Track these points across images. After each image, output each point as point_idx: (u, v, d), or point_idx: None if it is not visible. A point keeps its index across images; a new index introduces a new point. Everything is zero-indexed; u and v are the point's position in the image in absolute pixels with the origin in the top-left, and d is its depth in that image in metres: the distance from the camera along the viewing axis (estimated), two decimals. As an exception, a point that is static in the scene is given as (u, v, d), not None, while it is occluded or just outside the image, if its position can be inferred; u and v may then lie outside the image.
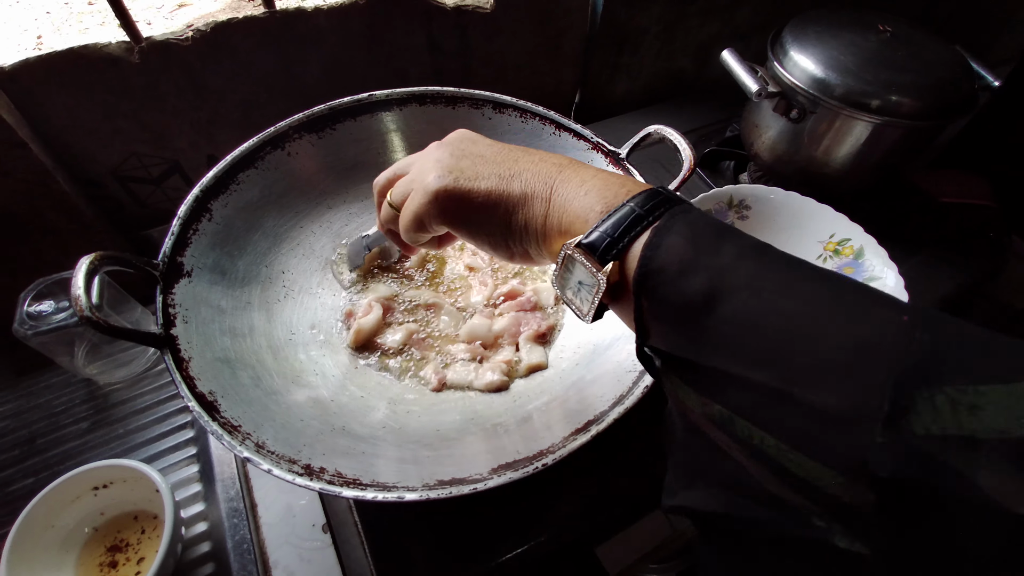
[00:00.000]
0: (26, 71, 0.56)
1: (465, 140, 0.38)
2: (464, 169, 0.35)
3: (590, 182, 0.32)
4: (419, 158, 0.39)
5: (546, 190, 0.33)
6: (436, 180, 0.35)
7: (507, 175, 0.34)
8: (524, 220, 0.34)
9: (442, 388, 0.53)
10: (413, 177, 0.37)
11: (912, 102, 0.62)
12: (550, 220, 0.33)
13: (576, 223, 0.31)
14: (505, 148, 0.37)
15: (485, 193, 0.34)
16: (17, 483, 0.58)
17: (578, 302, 0.32)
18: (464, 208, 0.35)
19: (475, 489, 0.37)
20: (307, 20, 0.63)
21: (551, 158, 0.35)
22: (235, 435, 0.39)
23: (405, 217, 0.37)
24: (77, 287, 0.37)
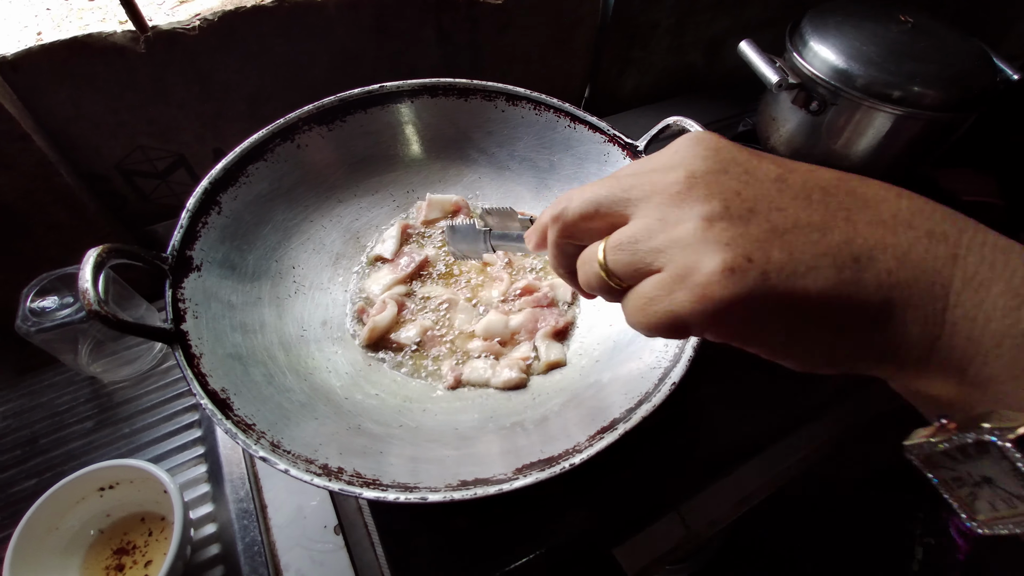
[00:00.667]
0: (29, 61, 0.55)
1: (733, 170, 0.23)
2: (769, 249, 0.20)
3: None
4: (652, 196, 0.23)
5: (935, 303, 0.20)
6: (725, 278, 0.20)
7: (847, 258, 0.20)
8: (882, 344, 0.20)
9: (458, 385, 0.52)
10: (659, 247, 0.22)
11: (935, 93, 0.60)
12: (940, 357, 0.20)
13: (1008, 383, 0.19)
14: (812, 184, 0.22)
15: (818, 302, 0.20)
16: (19, 484, 0.56)
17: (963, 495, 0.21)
18: (774, 327, 0.21)
19: (501, 490, 0.35)
20: (317, 10, 0.61)
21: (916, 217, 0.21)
22: (250, 434, 0.37)
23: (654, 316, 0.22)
24: (85, 280, 0.36)
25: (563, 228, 0.26)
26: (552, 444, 0.41)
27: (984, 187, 0.83)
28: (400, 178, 0.63)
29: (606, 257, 0.24)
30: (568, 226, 0.26)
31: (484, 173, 0.65)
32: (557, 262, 0.29)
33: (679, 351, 0.45)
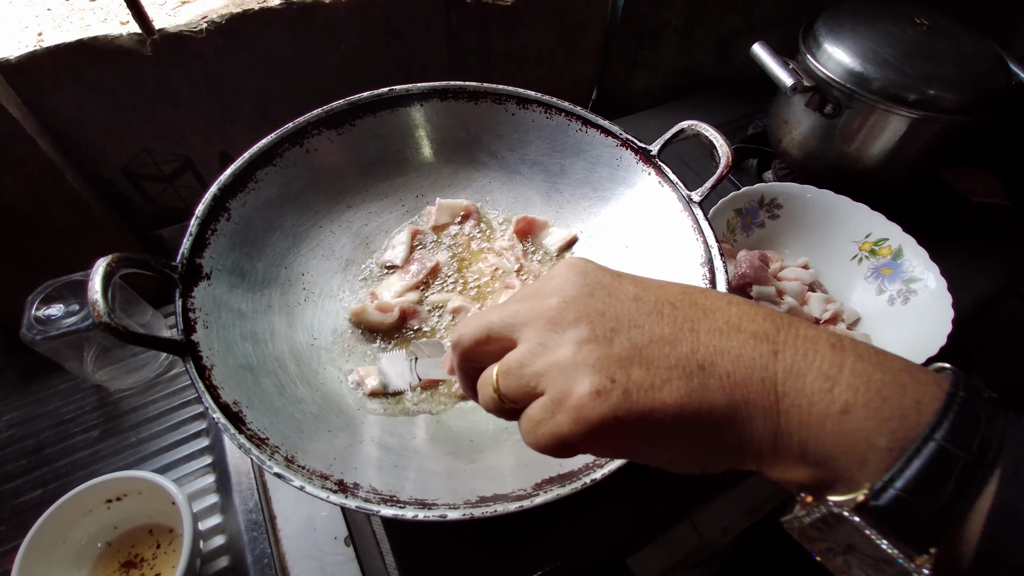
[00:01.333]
0: (33, 63, 0.54)
1: (599, 292, 0.26)
2: (629, 369, 0.23)
3: (842, 381, 0.21)
4: (533, 321, 0.26)
5: (767, 394, 0.22)
6: (594, 400, 0.23)
7: (694, 367, 0.23)
8: (737, 442, 0.23)
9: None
10: (540, 371, 0.24)
11: (952, 96, 0.60)
12: (784, 443, 0.22)
13: (839, 459, 0.21)
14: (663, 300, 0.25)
15: (675, 411, 0.22)
16: (25, 495, 0.55)
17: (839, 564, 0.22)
18: (641, 438, 0.23)
19: (521, 507, 0.35)
20: (325, 11, 0.60)
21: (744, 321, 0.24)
22: (264, 448, 0.36)
23: (542, 437, 0.24)
24: (94, 291, 0.35)
25: (462, 354, 0.29)
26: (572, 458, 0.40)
27: (992, 188, 0.83)
28: (410, 182, 0.63)
29: (499, 382, 0.26)
30: (466, 351, 0.29)
31: (494, 177, 0.64)
32: (464, 385, 0.31)
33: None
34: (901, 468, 0.19)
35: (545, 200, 0.63)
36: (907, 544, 0.19)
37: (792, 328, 0.23)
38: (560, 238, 0.61)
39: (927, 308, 0.56)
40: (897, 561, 0.20)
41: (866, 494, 0.20)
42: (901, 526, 0.19)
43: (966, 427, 0.19)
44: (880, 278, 0.61)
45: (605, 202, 0.60)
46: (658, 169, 0.56)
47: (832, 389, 0.21)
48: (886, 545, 0.20)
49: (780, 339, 0.23)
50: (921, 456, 0.19)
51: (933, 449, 0.19)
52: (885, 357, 0.22)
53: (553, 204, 0.63)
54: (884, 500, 0.19)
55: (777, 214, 0.66)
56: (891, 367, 0.21)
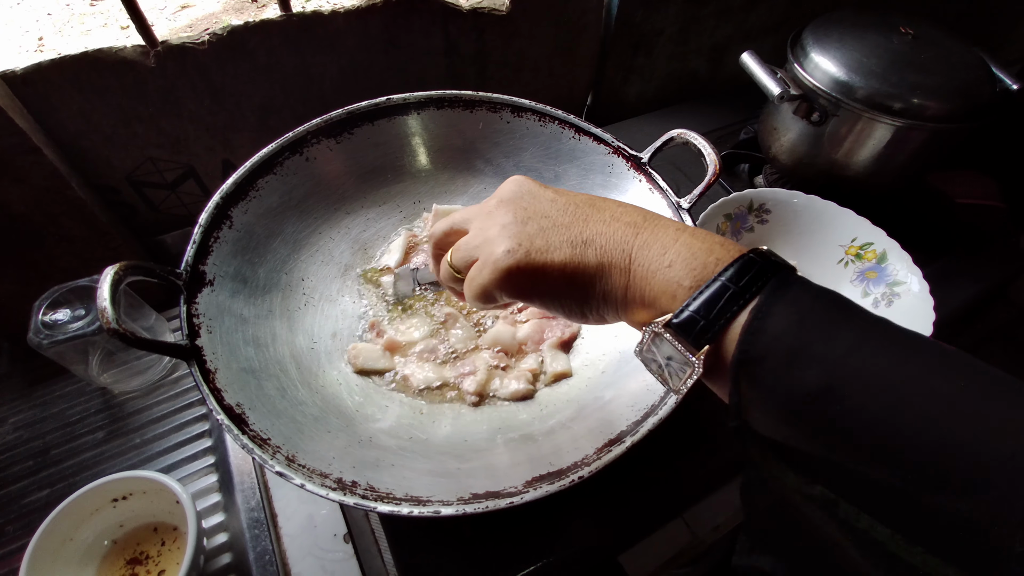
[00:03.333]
0: (39, 75, 0.55)
1: (526, 196, 0.35)
2: (533, 238, 0.32)
3: (673, 249, 0.30)
4: (479, 216, 0.36)
5: (624, 259, 0.31)
6: (505, 256, 0.32)
7: (579, 241, 0.32)
8: (602, 291, 0.32)
9: (480, 400, 0.52)
10: (477, 244, 0.34)
11: (937, 105, 0.61)
12: (631, 292, 0.31)
13: (661, 298, 0.29)
14: (571, 203, 0.34)
15: (560, 267, 0.31)
16: (31, 495, 0.57)
17: (666, 375, 0.30)
18: (537, 283, 0.32)
19: (512, 503, 0.36)
20: (325, 23, 0.62)
21: (624, 215, 0.33)
22: (266, 448, 0.38)
23: (472, 288, 0.34)
24: (103, 299, 0.37)
25: (434, 244, 0.40)
26: (561, 456, 0.41)
27: (986, 190, 0.84)
28: (407, 189, 0.64)
29: (451, 257, 0.37)
30: (437, 242, 0.40)
31: (490, 183, 0.66)
32: (435, 270, 0.41)
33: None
34: (695, 297, 0.28)
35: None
36: (692, 345, 0.28)
37: (654, 220, 0.32)
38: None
39: (910, 310, 0.58)
40: (689, 358, 0.28)
41: (671, 316, 0.28)
42: (689, 334, 0.27)
43: (742, 272, 0.27)
44: (865, 281, 0.63)
45: (597, 208, 0.62)
46: (648, 176, 0.57)
47: (665, 254, 0.30)
48: (680, 347, 0.28)
49: (643, 225, 0.32)
50: (708, 290, 0.27)
51: (717, 285, 0.27)
52: (710, 236, 0.30)
53: (547, 210, 0.65)
54: (681, 318, 0.28)
55: (766, 219, 0.67)
56: (710, 241, 0.30)
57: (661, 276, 0.29)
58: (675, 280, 0.29)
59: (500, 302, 0.35)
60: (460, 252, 0.36)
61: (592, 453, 0.40)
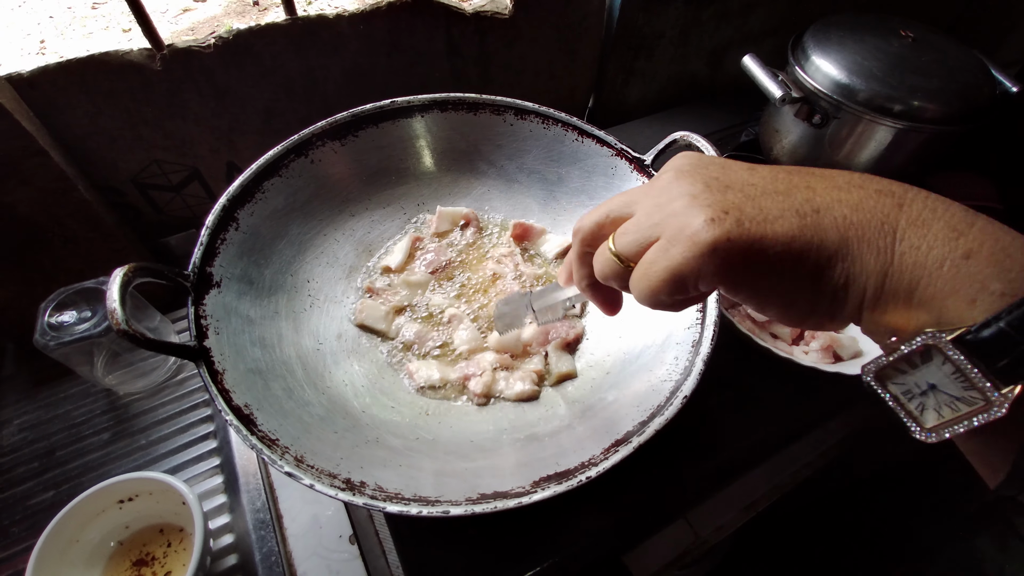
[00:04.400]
0: (46, 78, 0.55)
1: (712, 166, 0.28)
2: (742, 206, 0.25)
3: (970, 235, 0.22)
4: (648, 194, 0.28)
5: (885, 236, 0.23)
6: (708, 226, 0.24)
7: (809, 210, 0.24)
8: (846, 278, 0.24)
9: (486, 400, 0.53)
10: (657, 221, 0.26)
11: (936, 107, 0.62)
12: (893, 282, 0.23)
13: (948, 299, 0.22)
14: (780, 171, 0.27)
15: (786, 239, 0.24)
16: (37, 496, 0.57)
17: (912, 408, 0.23)
18: (753, 263, 0.24)
19: (520, 503, 0.36)
20: (329, 27, 0.62)
21: (867, 182, 0.25)
22: (274, 449, 0.38)
23: (653, 276, 0.26)
24: (113, 300, 0.37)
25: (583, 240, 0.31)
26: (567, 457, 0.42)
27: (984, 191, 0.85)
28: (411, 191, 0.64)
29: (615, 243, 0.28)
30: (586, 236, 0.31)
31: (493, 186, 0.66)
32: (580, 274, 0.33)
33: (689, 364, 0.46)
34: (1011, 309, 0.20)
35: (542, 208, 0.65)
36: (996, 376, 0.20)
37: (920, 192, 0.24)
38: (557, 245, 0.63)
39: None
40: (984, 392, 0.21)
41: (969, 327, 0.21)
42: (995, 358, 0.20)
43: None
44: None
45: (601, 210, 0.62)
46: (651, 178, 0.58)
47: (958, 239, 0.22)
48: (973, 373, 0.21)
49: (907, 197, 0.24)
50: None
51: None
52: (1011, 232, 0.23)
53: (550, 212, 0.65)
54: (987, 333, 0.20)
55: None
56: (1020, 237, 0.23)
57: (951, 269, 0.22)
58: (978, 278, 0.21)
59: (691, 293, 0.26)
60: (630, 234, 0.27)
61: (599, 453, 0.41)
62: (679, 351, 0.48)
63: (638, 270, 0.27)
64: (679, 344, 0.49)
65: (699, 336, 0.47)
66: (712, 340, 0.46)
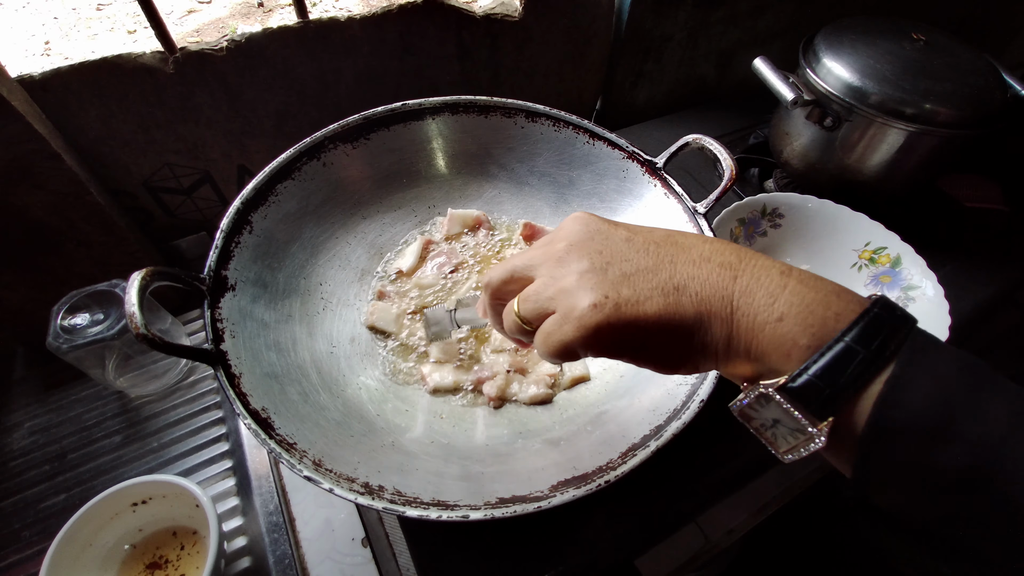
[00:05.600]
0: (58, 80, 0.55)
1: (597, 237, 0.32)
2: (619, 287, 0.29)
3: (782, 299, 0.26)
4: (545, 262, 0.32)
5: (724, 308, 0.28)
6: (592, 311, 0.29)
7: (671, 288, 0.29)
8: (701, 343, 0.28)
9: (500, 404, 0.53)
10: (551, 296, 0.31)
11: (949, 111, 0.61)
12: (734, 345, 0.28)
13: (771, 354, 0.26)
14: (649, 241, 0.31)
15: (655, 320, 0.28)
16: (49, 500, 0.57)
17: (770, 437, 0.28)
18: (629, 339, 0.29)
19: (540, 507, 0.36)
20: (341, 30, 0.62)
21: (714, 254, 0.29)
22: (293, 453, 0.38)
23: (549, 344, 0.31)
24: (131, 304, 0.37)
25: (492, 293, 0.36)
26: (584, 461, 0.42)
27: (990, 194, 0.85)
28: (423, 194, 0.64)
29: (519, 307, 0.33)
30: (495, 291, 0.36)
31: (504, 188, 0.66)
32: (493, 320, 0.38)
33: (705, 368, 0.46)
34: (815, 360, 0.25)
35: (553, 211, 0.65)
36: (812, 415, 0.25)
37: (751, 259, 0.29)
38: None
39: (925, 315, 0.58)
40: (806, 428, 0.25)
41: (786, 379, 0.26)
42: (809, 402, 0.25)
43: (870, 333, 0.24)
44: (879, 285, 0.63)
45: (612, 213, 0.62)
46: (664, 181, 0.58)
47: (773, 304, 0.27)
48: (798, 415, 0.25)
49: (740, 267, 0.28)
50: (831, 352, 0.25)
51: (840, 347, 0.25)
52: (822, 282, 0.27)
53: (561, 214, 0.65)
54: (799, 383, 0.25)
55: (779, 223, 0.68)
56: (824, 289, 0.27)
57: (770, 331, 0.26)
58: (788, 337, 0.26)
59: (580, 357, 0.31)
60: (530, 303, 0.32)
61: (616, 458, 0.41)
62: (694, 355, 0.48)
63: (538, 336, 0.32)
64: (694, 348, 0.49)
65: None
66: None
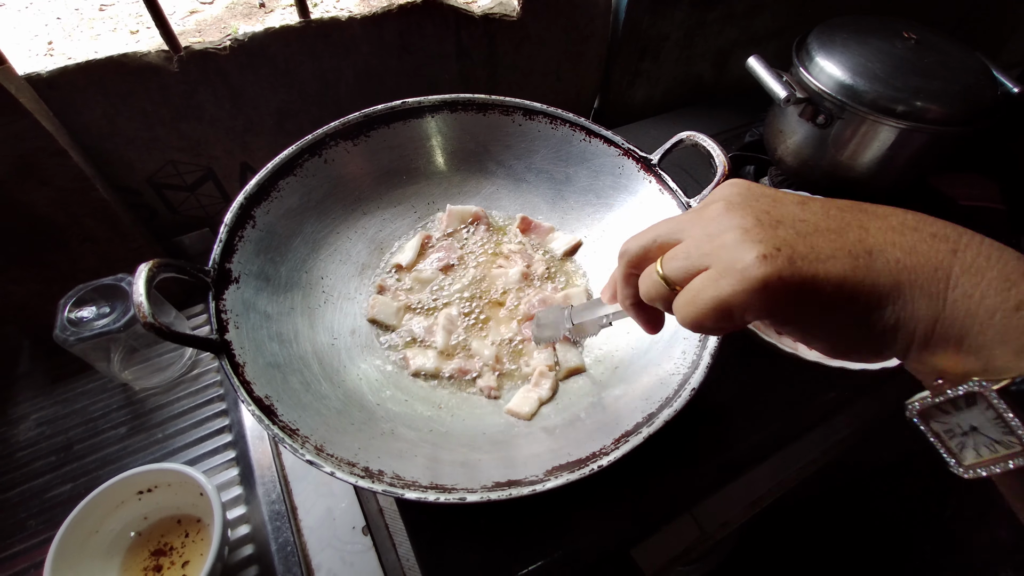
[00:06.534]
0: (65, 78, 0.57)
1: (764, 198, 0.28)
2: (794, 244, 0.25)
3: (1022, 286, 0.22)
4: (696, 222, 0.28)
5: (937, 282, 0.23)
6: (759, 263, 0.24)
7: (861, 251, 0.24)
8: (896, 320, 0.24)
9: (491, 395, 0.54)
10: (707, 251, 0.27)
11: (939, 108, 0.63)
12: (944, 329, 0.24)
13: (998, 348, 0.22)
14: (831, 206, 0.27)
15: (837, 280, 0.24)
16: (54, 489, 0.58)
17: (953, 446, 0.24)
18: (804, 302, 0.25)
19: (534, 491, 0.37)
20: (342, 29, 0.63)
21: (922, 224, 0.25)
22: (295, 438, 0.39)
23: (700, 305, 0.26)
24: (139, 294, 0.38)
25: (629, 261, 0.32)
26: (579, 447, 0.43)
27: (987, 192, 0.86)
28: (422, 190, 0.66)
29: (663, 267, 0.29)
30: (633, 259, 0.32)
31: (502, 185, 0.67)
32: (624, 293, 0.34)
33: (697, 358, 0.47)
34: None
35: (551, 207, 0.66)
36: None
37: (976, 237, 0.25)
38: (565, 242, 0.64)
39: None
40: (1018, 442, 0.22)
41: (1014, 378, 0.22)
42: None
43: None
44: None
45: (608, 209, 0.63)
46: (659, 177, 0.59)
47: (1010, 290, 0.23)
48: (1016, 423, 0.22)
49: (962, 243, 0.24)
50: None
51: None
52: None
53: (558, 210, 0.66)
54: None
55: (773, 219, 0.69)
56: None
57: (1002, 319, 0.22)
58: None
59: (737, 324, 0.26)
60: (679, 260, 0.28)
61: (610, 444, 0.42)
62: (686, 346, 0.49)
63: (685, 295, 0.27)
64: (686, 339, 0.50)
65: (706, 331, 0.48)
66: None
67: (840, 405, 0.66)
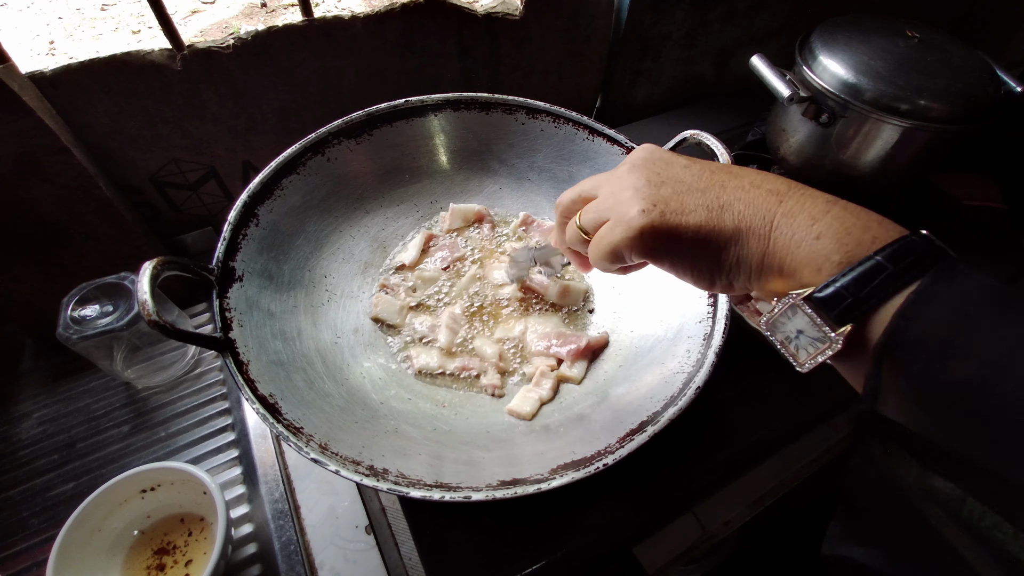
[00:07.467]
0: (68, 77, 0.57)
1: (659, 162, 0.35)
2: (668, 200, 0.32)
3: (823, 221, 0.28)
4: (609, 181, 0.36)
5: (764, 225, 0.30)
6: (640, 216, 0.32)
7: (716, 206, 0.31)
8: (737, 257, 0.31)
9: (494, 392, 0.54)
10: (609, 206, 0.35)
11: (941, 107, 0.63)
12: (769, 259, 0.30)
13: (804, 269, 0.29)
14: (705, 169, 0.34)
15: (694, 229, 0.31)
16: (57, 488, 0.58)
17: (792, 349, 0.30)
18: (670, 245, 0.32)
19: (539, 489, 0.37)
20: (344, 28, 0.63)
21: (765, 182, 0.32)
22: (299, 436, 0.39)
23: (600, 248, 0.35)
24: (143, 292, 0.38)
25: (562, 212, 0.41)
26: (583, 446, 0.43)
27: (988, 192, 0.86)
28: (424, 189, 0.66)
29: (580, 218, 0.38)
30: (564, 210, 0.41)
31: (504, 184, 0.67)
32: (560, 239, 0.43)
33: (701, 356, 0.47)
34: (844, 274, 0.27)
35: (553, 206, 0.66)
36: (833, 321, 0.27)
37: (801, 188, 0.31)
38: (568, 242, 0.64)
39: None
40: (827, 335, 0.28)
41: (814, 288, 0.28)
42: (832, 310, 0.27)
43: (902, 254, 0.26)
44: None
45: (611, 207, 0.63)
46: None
47: (813, 225, 0.29)
48: (820, 321, 0.28)
49: (788, 194, 0.30)
50: (860, 267, 0.27)
51: (870, 264, 0.26)
52: (867, 212, 0.29)
53: (561, 209, 0.66)
54: (826, 293, 0.27)
55: (775, 218, 0.69)
56: (867, 217, 0.29)
57: (807, 247, 0.28)
58: (823, 253, 0.28)
59: (627, 263, 0.35)
60: (590, 213, 0.36)
61: (615, 443, 0.42)
62: (691, 344, 0.49)
63: (592, 243, 0.36)
64: (691, 338, 0.50)
65: (710, 329, 0.48)
66: (723, 333, 0.47)
67: (840, 405, 0.66)
